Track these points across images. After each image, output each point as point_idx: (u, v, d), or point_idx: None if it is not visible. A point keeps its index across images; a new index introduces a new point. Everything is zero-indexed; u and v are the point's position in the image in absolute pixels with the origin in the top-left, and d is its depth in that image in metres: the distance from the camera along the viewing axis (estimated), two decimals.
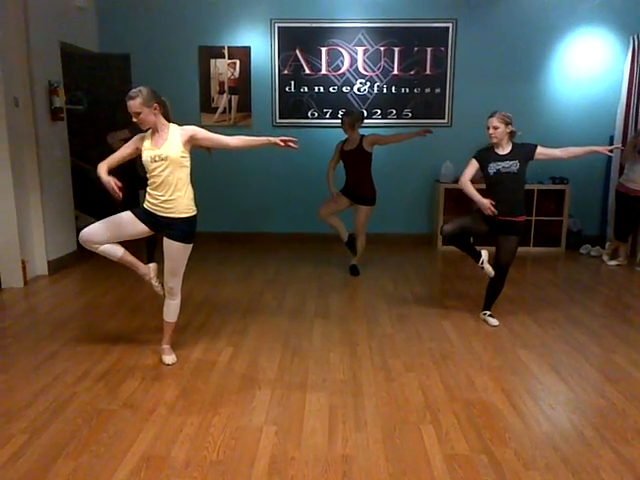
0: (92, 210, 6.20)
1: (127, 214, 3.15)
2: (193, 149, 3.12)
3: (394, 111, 6.34)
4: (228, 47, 6.24)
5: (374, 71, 6.27)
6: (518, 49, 6.17)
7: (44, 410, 2.73)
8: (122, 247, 3.18)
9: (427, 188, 6.54)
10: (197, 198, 3.20)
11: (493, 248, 3.90)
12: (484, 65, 6.20)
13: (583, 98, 6.29)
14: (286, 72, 6.28)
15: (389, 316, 4.14)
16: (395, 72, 6.27)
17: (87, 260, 5.53)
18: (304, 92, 6.31)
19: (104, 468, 2.29)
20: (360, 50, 6.22)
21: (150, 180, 3.07)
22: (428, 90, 6.30)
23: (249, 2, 6.15)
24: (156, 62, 6.17)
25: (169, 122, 3.09)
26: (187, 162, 3.08)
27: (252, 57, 6.26)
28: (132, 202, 3.95)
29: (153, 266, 3.35)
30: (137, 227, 3.14)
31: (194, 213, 3.16)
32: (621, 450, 2.44)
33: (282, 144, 3.02)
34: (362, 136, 4.97)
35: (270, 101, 6.35)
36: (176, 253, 3.11)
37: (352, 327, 3.91)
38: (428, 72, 6.26)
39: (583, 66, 6.23)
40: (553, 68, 6.25)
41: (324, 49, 6.22)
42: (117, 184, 3.05)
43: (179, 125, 3.10)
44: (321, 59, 6.24)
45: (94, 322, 3.96)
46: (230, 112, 6.38)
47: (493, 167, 3.76)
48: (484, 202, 3.73)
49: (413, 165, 6.45)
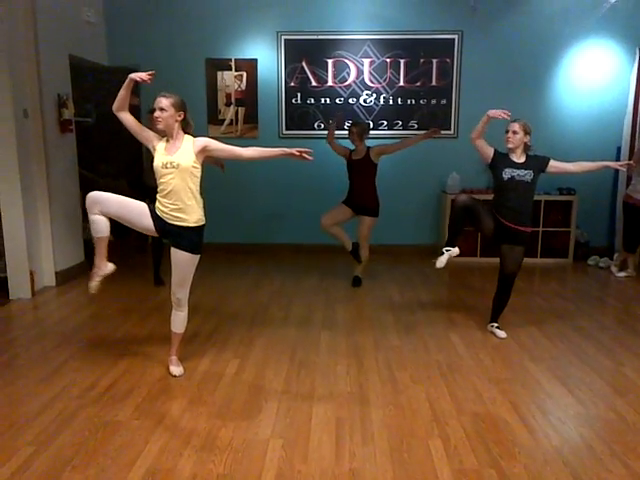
0: None
1: (142, 204, 3.11)
2: (205, 163, 3.13)
3: (400, 122, 6.35)
4: (235, 59, 6.29)
5: (380, 82, 6.29)
6: (524, 60, 6.19)
7: (51, 422, 2.73)
8: (110, 234, 3.09)
9: (433, 199, 6.54)
10: (204, 209, 3.20)
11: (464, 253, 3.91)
12: (490, 76, 6.21)
13: (590, 109, 6.29)
14: (292, 84, 6.32)
15: (396, 328, 4.12)
16: (401, 83, 6.29)
17: None
18: (310, 104, 6.35)
19: None
20: (366, 62, 6.25)
21: (160, 187, 3.06)
22: (434, 101, 6.32)
23: (256, 15, 6.21)
24: (164, 75, 6.11)
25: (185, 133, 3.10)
26: (198, 172, 3.08)
27: (259, 69, 6.30)
28: None
29: (111, 267, 3.21)
30: (144, 220, 3.09)
31: (203, 224, 3.15)
32: (632, 464, 2.40)
33: (297, 154, 3.01)
34: (368, 148, 4.98)
35: (277, 113, 6.38)
36: (184, 263, 3.11)
37: (359, 339, 3.89)
38: (434, 83, 6.29)
39: (589, 77, 6.23)
40: (559, 79, 6.26)
41: (330, 61, 6.26)
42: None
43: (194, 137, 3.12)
44: (327, 71, 6.28)
45: (101, 333, 3.97)
46: (237, 124, 6.41)
47: (509, 172, 3.76)
48: (494, 111, 3.66)
49: (419, 176, 6.45)
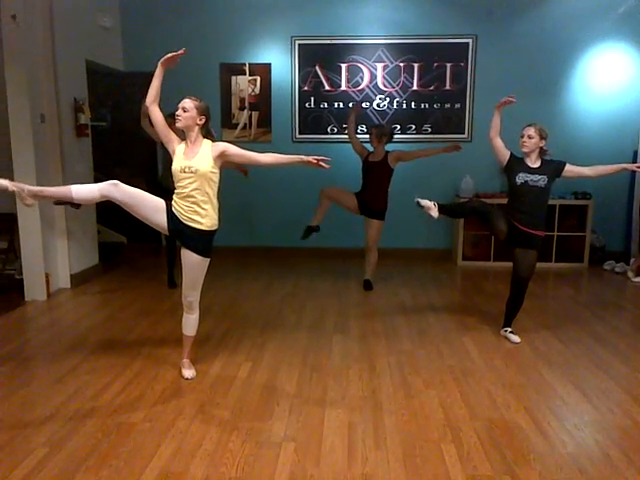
0: (114, 225, 6.30)
1: (160, 201, 3.07)
2: (224, 168, 3.14)
3: (413, 126, 6.34)
4: (249, 64, 6.32)
5: (394, 87, 6.29)
6: (539, 64, 6.14)
7: (64, 423, 2.74)
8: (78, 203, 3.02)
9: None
10: (219, 213, 3.20)
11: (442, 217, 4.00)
12: (504, 80, 6.16)
13: (606, 113, 6.22)
14: (306, 88, 6.33)
15: (409, 332, 4.10)
16: (415, 88, 6.28)
17: (108, 273, 5.61)
18: (324, 108, 6.35)
19: None
20: (380, 66, 6.25)
21: (177, 190, 3.07)
22: (448, 105, 6.30)
23: (270, 20, 6.25)
24: (178, 79, 6.20)
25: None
26: (216, 177, 3.09)
27: (272, 74, 6.33)
28: None
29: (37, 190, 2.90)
30: (157, 216, 3.05)
31: (216, 228, 3.16)
32: None
33: (314, 162, 2.98)
34: (387, 152, 4.98)
35: (290, 117, 6.40)
36: (194, 265, 3.12)
37: (371, 343, 3.88)
38: (448, 87, 6.26)
39: (605, 81, 6.17)
40: (575, 83, 6.21)
41: (344, 65, 6.27)
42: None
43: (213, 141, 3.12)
44: (341, 75, 6.28)
45: (115, 335, 3.99)
46: (250, 128, 6.44)
47: (522, 177, 3.73)
48: (499, 102, 3.85)
49: (433, 180, 6.41)
